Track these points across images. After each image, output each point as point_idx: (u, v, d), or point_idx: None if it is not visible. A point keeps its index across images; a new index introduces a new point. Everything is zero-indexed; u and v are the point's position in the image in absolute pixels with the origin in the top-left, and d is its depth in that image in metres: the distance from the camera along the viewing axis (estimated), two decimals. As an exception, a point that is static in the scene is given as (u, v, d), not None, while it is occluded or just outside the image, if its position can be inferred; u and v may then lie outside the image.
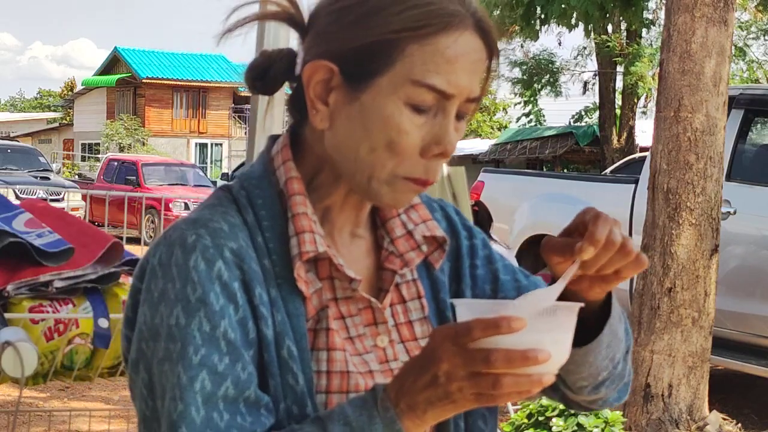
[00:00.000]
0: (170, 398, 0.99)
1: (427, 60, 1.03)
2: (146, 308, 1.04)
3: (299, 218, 1.08)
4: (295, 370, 1.04)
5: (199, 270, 1.01)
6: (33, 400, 5.56)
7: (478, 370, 0.91)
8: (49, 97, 65.48)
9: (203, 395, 0.99)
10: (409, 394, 0.96)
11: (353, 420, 0.97)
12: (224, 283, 1.02)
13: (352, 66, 1.05)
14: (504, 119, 32.76)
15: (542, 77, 19.81)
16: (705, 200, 5.35)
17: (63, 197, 14.30)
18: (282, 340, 1.05)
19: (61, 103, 49.88)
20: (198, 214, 1.07)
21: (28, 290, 2.47)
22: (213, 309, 1.01)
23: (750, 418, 6.26)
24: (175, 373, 0.99)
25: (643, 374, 5.37)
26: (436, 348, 0.94)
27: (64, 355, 2.52)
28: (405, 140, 1.04)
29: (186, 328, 1.00)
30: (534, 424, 4.35)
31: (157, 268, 1.04)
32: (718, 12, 5.32)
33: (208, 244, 1.03)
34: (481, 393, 0.92)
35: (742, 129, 6.45)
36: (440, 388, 0.94)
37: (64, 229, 2.64)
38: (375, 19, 1.04)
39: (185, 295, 1.01)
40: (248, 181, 1.11)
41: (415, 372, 0.96)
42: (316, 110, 1.08)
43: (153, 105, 37.92)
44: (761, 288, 6.05)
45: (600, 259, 1.03)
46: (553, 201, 7.33)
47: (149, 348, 1.03)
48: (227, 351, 1.01)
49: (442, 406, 0.95)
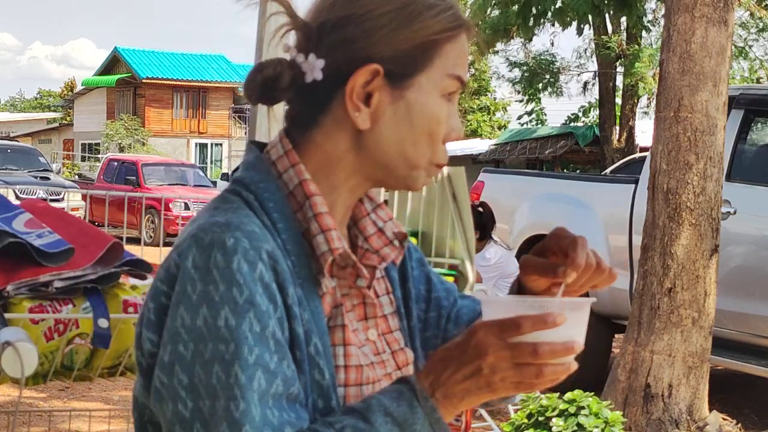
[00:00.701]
0: (227, 398, 1.01)
1: (457, 55, 1.16)
2: (183, 311, 1.04)
3: (323, 217, 1.13)
4: (322, 365, 1.10)
5: (243, 272, 1.04)
6: (33, 400, 5.56)
7: (525, 362, 1.01)
8: (49, 97, 65.50)
9: (259, 393, 1.02)
10: (447, 385, 1.04)
11: (394, 410, 1.04)
12: (266, 284, 1.06)
13: (397, 67, 1.14)
14: (504, 119, 32.75)
15: (543, 77, 19.81)
16: (705, 200, 5.35)
17: (63, 197, 14.31)
18: (310, 337, 1.10)
19: (61, 103, 49.90)
20: (226, 218, 1.08)
21: (28, 290, 2.47)
22: (261, 309, 1.04)
23: (750, 418, 6.26)
24: (232, 373, 1.02)
25: (643, 374, 5.37)
26: (480, 342, 1.02)
27: (64, 355, 2.52)
28: (440, 129, 1.16)
29: (238, 329, 1.03)
30: (534, 424, 4.35)
31: (193, 271, 1.05)
32: (718, 12, 5.32)
33: (248, 246, 1.05)
34: (522, 382, 1.03)
35: (742, 129, 6.45)
36: (483, 379, 1.03)
37: (64, 230, 2.64)
38: (416, 23, 1.14)
39: (232, 297, 1.03)
40: (255, 186, 1.14)
41: (455, 364, 1.04)
42: (359, 112, 1.14)
43: (153, 105, 37.92)
44: (761, 288, 6.05)
45: (580, 280, 1.15)
46: (553, 201, 7.33)
47: (189, 350, 1.04)
48: (275, 350, 1.05)
49: (480, 394, 1.05)
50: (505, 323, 1.01)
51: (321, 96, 1.15)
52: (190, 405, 1.03)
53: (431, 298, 1.33)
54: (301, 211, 1.14)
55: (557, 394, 4.48)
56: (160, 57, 38.75)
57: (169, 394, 1.05)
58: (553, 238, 1.17)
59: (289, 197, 1.14)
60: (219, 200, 1.14)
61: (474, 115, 31.09)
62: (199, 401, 1.03)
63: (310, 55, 1.14)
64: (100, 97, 39.67)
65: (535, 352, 1.01)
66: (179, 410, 1.04)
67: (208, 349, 1.03)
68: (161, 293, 1.08)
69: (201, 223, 1.09)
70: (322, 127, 1.16)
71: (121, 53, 38.62)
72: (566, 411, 4.30)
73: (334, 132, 1.16)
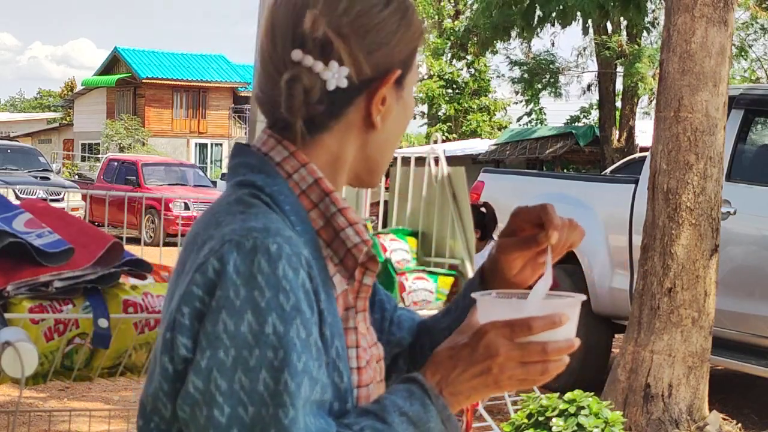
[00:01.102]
0: (276, 404, 1.01)
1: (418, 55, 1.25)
2: (225, 316, 1.04)
3: (348, 211, 1.15)
4: (341, 368, 1.12)
5: (289, 278, 1.04)
6: (33, 400, 5.56)
7: (534, 360, 1.07)
8: (49, 97, 65.48)
9: (303, 400, 1.03)
10: (455, 384, 1.10)
11: (408, 410, 1.08)
12: (306, 290, 1.06)
13: (405, 69, 1.21)
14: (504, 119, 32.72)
15: (543, 77, 19.81)
16: (705, 200, 5.35)
17: (63, 197, 14.30)
18: (333, 341, 1.11)
19: (61, 103, 49.88)
20: (262, 222, 1.07)
21: (28, 290, 2.47)
22: (306, 316, 1.05)
23: (750, 418, 6.26)
24: (281, 380, 1.02)
25: (643, 374, 5.37)
26: (491, 343, 1.08)
27: (64, 355, 2.52)
28: None
29: (286, 335, 1.03)
30: (534, 424, 4.35)
31: (235, 276, 1.04)
32: (718, 12, 5.32)
33: (290, 252, 1.06)
34: (527, 379, 1.09)
35: (742, 129, 6.45)
36: (491, 377, 1.09)
37: (64, 230, 2.64)
38: (413, 27, 1.22)
39: (279, 303, 1.03)
40: (269, 188, 1.14)
41: (464, 364, 1.09)
42: (378, 112, 1.19)
43: (153, 105, 37.92)
44: (761, 288, 6.05)
45: (561, 240, 1.23)
46: (553, 201, 7.18)
47: (230, 356, 1.03)
48: (316, 356, 1.06)
49: (487, 391, 1.11)
50: (515, 324, 1.07)
51: (340, 102, 1.16)
52: (228, 411, 1.02)
53: (375, 301, 1.35)
54: (315, 209, 1.15)
55: (557, 394, 4.48)
56: (160, 57, 38.75)
57: (204, 399, 1.04)
58: (517, 217, 1.26)
59: (301, 197, 1.15)
60: (240, 204, 1.12)
61: (474, 115, 31.07)
62: (239, 408, 1.02)
63: (331, 62, 1.14)
64: (100, 97, 39.66)
65: (544, 351, 1.07)
66: (215, 416, 1.03)
67: (253, 356, 1.02)
68: (196, 298, 1.06)
69: (234, 227, 1.07)
70: (332, 130, 1.18)
71: (121, 53, 38.61)
72: (566, 411, 4.30)
73: (344, 135, 1.19)
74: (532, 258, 1.28)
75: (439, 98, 30.36)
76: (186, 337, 1.07)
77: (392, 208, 4.50)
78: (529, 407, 4.44)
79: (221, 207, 1.14)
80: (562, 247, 1.25)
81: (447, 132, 28.72)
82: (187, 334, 1.06)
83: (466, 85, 30.94)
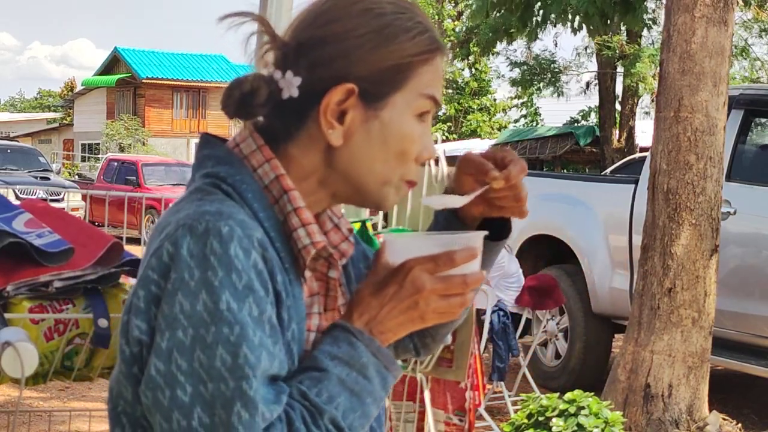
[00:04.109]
0: (237, 378, 1.04)
1: (432, 77, 1.21)
2: (181, 297, 1.06)
3: (302, 211, 1.17)
4: (295, 351, 1.14)
5: (240, 258, 1.07)
6: (33, 400, 5.56)
7: (456, 292, 1.12)
8: (49, 97, 65.47)
9: (263, 373, 1.06)
10: (383, 321, 1.14)
11: (337, 352, 1.12)
12: (259, 270, 1.09)
13: (371, 87, 1.17)
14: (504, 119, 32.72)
15: (544, 77, 19.81)
16: (705, 200, 5.35)
17: (63, 197, 14.29)
18: (290, 323, 1.14)
19: (61, 104, 49.88)
20: (216, 207, 1.10)
21: (28, 290, 2.47)
22: (259, 295, 1.08)
23: (750, 418, 6.26)
24: (240, 354, 1.04)
25: (643, 374, 5.37)
26: (416, 278, 1.12)
27: (64, 355, 2.52)
28: (413, 148, 1.20)
29: (239, 312, 1.06)
30: (534, 424, 4.35)
31: (189, 258, 1.07)
32: (718, 12, 5.32)
33: (241, 234, 1.08)
34: (448, 312, 1.14)
35: (742, 129, 6.45)
36: (417, 311, 1.13)
37: (63, 230, 2.63)
38: (392, 45, 1.18)
39: (231, 282, 1.06)
40: (231, 179, 1.17)
41: (391, 301, 1.13)
42: (333, 129, 1.17)
43: (153, 105, 37.91)
44: (761, 288, 6.05)
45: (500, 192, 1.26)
46: (553, 201, 7.32)
47: (188, 335, 1.05)
48: (270, 334, 1.08)
49: (413, 326, 1.15)
50: (439, 258, 1.11)
51: (296, 112, 1.19)
52: (190, 390, 1.05)
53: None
54: (278, 204, 1.17)
55: (557, 394, 4.49)
56: (160, 57, 38.74)
57: (166, 381, 1.06)
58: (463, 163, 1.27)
59: (265, 191, 1.18)
60: (199, 192, 1.16)
61: (474, 115, 31.08)
62: (199, 385, 1.04)
63: (288, 72, 1.17)
64: (100, 97, 39.65)
65: (464, 283, 1.12)
66: (178, 396, 1.05)
67: (210, 333, 1.05)
68: (152, 281, 1.09)
69: (189, 212, 1.10)
70: (296, 141, 1.20)
71: (121, 53, 38.60)
72: (566, 411, 4.30)
73: (307, 147, 1.20)
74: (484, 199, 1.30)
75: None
76: (140, 320, 1.10)
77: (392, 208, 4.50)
78: (529, 407, 4.44)
79: (183, 197, 1.17)
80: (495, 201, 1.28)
81: (447, 132, 28.73)
82: (142, 316, 1.10)
83: (466, 85, 30.94)
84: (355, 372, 1.11)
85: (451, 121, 30.69)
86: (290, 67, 1.18)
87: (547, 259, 7.41)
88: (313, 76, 1.17)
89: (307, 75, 1.17)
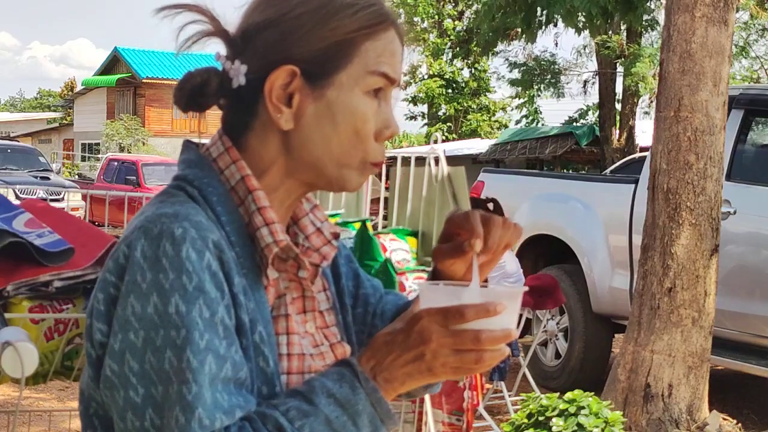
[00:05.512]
0: (180, 381, 1.04)
1: (379, 52, 1.17)
2: (134, 299, 1.07)
3: (266, 211, 1.16)
4: (266, 353, 1.13)
5: (192, 260, 1.06)
6: (33, 400, 5.56)
7: (467, 348, 1.05)
8: (49, 97, 65.48)
9: (210, 377, 1.05)
10: (389, 369, 1.09)
11: (336, 392, 1.08)
12: (213, 272, 1.08)
13: (314, 67, 1.16)
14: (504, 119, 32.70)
15: (544, 77, 19.79)
16: (705, 200, 5.35)
17: (63, 197, 14.29)
18: (255, 326, 1.13)
19: (61, 103, 49.87)
20: (173, 209, 1.11)
21: (28, 290, 2.47)
22: (210, 297, 1.07)
23: (750, 418, 6.26)
24: (184, 358, 1.04)
25: (643, 374, 5.37)
26: (424, 329, 1.06)
27: (64, 355, 2.52)
28: (367, 127, 1.17)
29: (188, 315, 1.05)
30: (534, 424, 4.35)
31: (142, 261, 1.07)
32: (718, 12, 5.32)
33: (195, 235, 1.08)
34: (461, 367, 1.06)
35: (742, 129, 6.44)
36: (425, 364, 1.07)
37: (63, 230, 2.63)
38: (332, 22, 1.16)
39: (182, 284, 1.06)
40: (198, 181, 1.17)
41: (398, 350, 1.08)
42: (281, 113, 1.16)
43: (153, 105, 37.90)
44: (761, 288, 6.05)
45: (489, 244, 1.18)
46: (553, 201, 7.32)
47: (140, 337, 1.06)
48: (224, 335, 1.07)
49: (421, 378, 1.09)
50: (449, 311, 1.05)
51: (247, 100, 1.19)
52: (142, 391, 1.05)
53: (359, 294, 1.36)
54: (243, 205, 1.17)
55: (557, 394, 4.49)
56: (159, 57, 38.72)
57: (120, 381, 1.07)
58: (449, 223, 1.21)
59: (231, 192, 1.18)
60: (163, 195, 1.17)
61: (474, 114, 31.06)
62: (150, 387, 1.05)
63: (236, 61, 1.18)
64: (100, 97, 39.64)
65: (477, 339, 1.04)
66: (131, 397, 1.06)
67: (159, 336, 1.05)
68: (110, 284, 1.10)
69: (148, 215, 1.11)
70: (253, 130, 1.20)
71: (121, 53, 38.60)
72: (566, 411, 4.30)
73: (264, 135, 1.19)
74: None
75: (439, 98, 30.35)
76: (101, 323, 1.11)
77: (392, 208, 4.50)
78: (529, 407, 4.44)
79: (151, 200, 1.18)
80: (495, 248, 1.20)
81: (447, 132, 28.72)
82: (102, 319, 1.11)
83: (466, 85, 30.93)
84: (346, 416, 1.08)
85: (451, 121, 30.67)
86: (238, 55, 1.18)
87: (547, 259, 7.41)
88: (259, 62, 1.17)
89: (252, 62, 1.17)
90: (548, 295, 6.30)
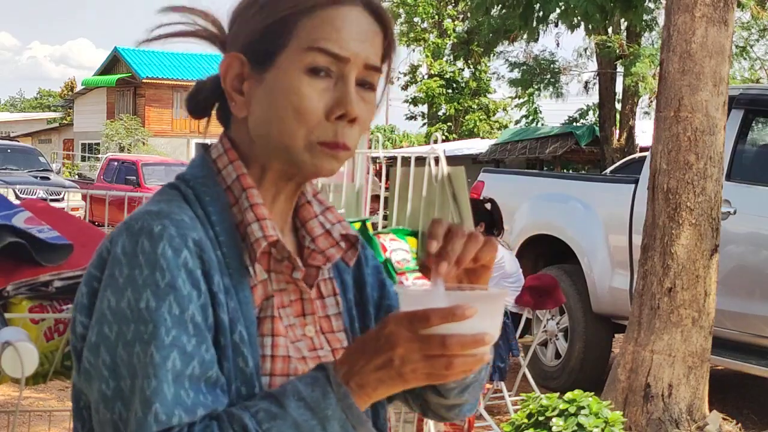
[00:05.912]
0: (142, 376, 1.05)
1: (318, 28, 1.15)
2: (110, 294, 1.09)
3: (258, 207, 1.17)
4: (246, 353, 1.13)
5: (167, 257, 1.08)
6: (33, 400, 5.56)
7: (434, 353, 1.02)
8: (49, 97, 65.49)
9: (173, 373, 1.05)
10: (360, 374, 1.06)
11: (307, 396, 1.06)
12: (189, 270, 1.09)
13: (255, 51, 1.17)
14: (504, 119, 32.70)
15: (544, 77, 19.79)
16: (705, 200, 5.35)
17: (63, 197, 14.29)
18: (235, 326, 1.13)
19: (61, 103, 49.88)
20: (158, 207, 1.13)
21: (28, 290, 2.47)
22: (182, 294, 1.08)
23: (750, 418, 6.26)
24: (148, 353, 1.05)
25: (643, 374, 5.37)
26: (391, 334, 1.04)
27: (64, 355, 2.52)
28: (307, 104, 1.14)
29: (157, 311, 1.07)
30: (534, 424, 4.35)
31: (121, 256, 1.09)
32: (718, 12, 5.32)
33: (174, 233, 1.09)
34: (433, 373, 1.03)
35: (742, 129, 6.44)
36: (394, 369, 1.04)
37: (63, 229, 2.64)
38: (269, 4, 1.17)
39: (155, 281, 1.07)
40: (194, 180, 1.20)
41: (368, 355, 1.06)
42: (235, 101, 1.19)
43: (153, 105, 37.90)
44: (761, 288, 6.05)
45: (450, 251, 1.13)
46: (553, 201, 7.32)
47: (113, 331, 1.08)
48: (194, 333, 1.08)
49: (393, 384, 1.06)
50: (415, 315, 1.02)
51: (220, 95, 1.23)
52: (112, 384, 1.07)
53: (382, 305, 1.35)
54: (237, 204, 1.18)
55: (557, 394, 4.49)
56: (160, 57, 38.72)
57: (95, 373, 1.09)
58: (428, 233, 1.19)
59: (227, 192, 1.19)
60: (157, 194, 1.19)
61: (473, 114, 31.07)
62: (120, 381, 1.07)
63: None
64: (100, 97, 39.64)
65: (443, 344, 1.01)
66: (103, 389, 1.08)
67: (130, 331, 1.07)
68: (93, 278, 1.13)
69: (135, 213, 1.13)
70: (233, 124, 1.24)
71: (121, 53, 38.58)
72: (566, 411, 4.30)
73: (236, 127, 1.23)
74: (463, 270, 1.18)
75: (439, 98, 30.36)
76: (84, 316, 1.13)
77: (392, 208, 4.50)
78: (529, 407, 4.44)
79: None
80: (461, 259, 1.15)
81: (447, 132, 28.72)
82: (85, 312, 1.13)
83: (466, 85, 30.93)
84: (315, 420, 1.06)
85: (450, 121, 30.68)
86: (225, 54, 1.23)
87: (547, 259, 7.41)
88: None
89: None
90: (548, 295, 6.30)
